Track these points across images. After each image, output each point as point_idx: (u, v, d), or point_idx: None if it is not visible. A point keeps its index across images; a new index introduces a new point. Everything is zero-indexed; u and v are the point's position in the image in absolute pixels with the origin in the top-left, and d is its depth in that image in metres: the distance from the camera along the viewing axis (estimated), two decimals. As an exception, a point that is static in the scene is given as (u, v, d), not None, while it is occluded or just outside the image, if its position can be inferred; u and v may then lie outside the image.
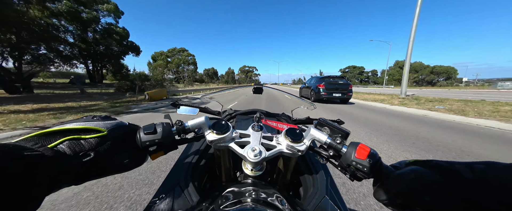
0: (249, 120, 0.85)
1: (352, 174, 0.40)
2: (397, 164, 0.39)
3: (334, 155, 0.43)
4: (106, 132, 0.37)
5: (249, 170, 0.50)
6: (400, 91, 12.03)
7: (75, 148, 0.32)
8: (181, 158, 0.62)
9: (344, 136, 0.45)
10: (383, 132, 4.01)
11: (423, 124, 4.87)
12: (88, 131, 0.36)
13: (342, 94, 9.46)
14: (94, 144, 0.34)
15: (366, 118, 5.57)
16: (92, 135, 0.35)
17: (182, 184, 0.48)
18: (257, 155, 0.41)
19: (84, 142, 0.34)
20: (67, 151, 0.31)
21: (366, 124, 4.76)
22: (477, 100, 8.99)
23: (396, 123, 4.93)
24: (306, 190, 0.54)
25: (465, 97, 12.29)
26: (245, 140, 0.46)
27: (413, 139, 3.51)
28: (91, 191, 1.75)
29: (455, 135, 3.87)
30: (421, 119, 5.68)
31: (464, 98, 10.67)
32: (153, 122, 0.45)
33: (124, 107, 7.94)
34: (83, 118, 0.39)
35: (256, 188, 0.39)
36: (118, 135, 0.39)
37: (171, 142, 0.45)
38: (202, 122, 0.46)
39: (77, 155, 0.32)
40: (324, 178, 0.54)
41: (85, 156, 0.33)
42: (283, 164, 0.51)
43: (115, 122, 0.41)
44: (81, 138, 0.34)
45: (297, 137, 0.44)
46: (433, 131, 4.19)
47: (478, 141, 3.45)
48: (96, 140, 0.35)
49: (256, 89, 1.12)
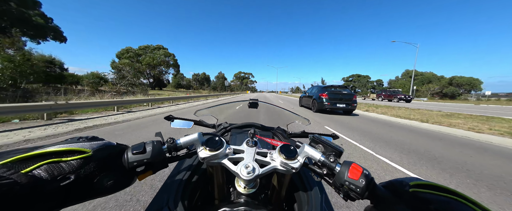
0: (244, 135, 0.84)
1: (345, 194, 0.40)
2: (396, 184, 0.38)
3: (327, 173, 0.43)
4: (91, 153, 0.36)
5: (242, 187, 0.49)
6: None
7: (54, 171, 0.31)
8: (172, 175, 0.60)
9: (337, 154, 0.46)
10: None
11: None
12: (72, 152, 0.34)
13: (346, 104, 8.92)
14: (75, 166, 0.33)
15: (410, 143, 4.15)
16: (75, 156, 0.34)
17: (171, 204, 0.46)
18: (250, 173, 0.41)
19: (64, 164, 0.32)
20: (44, 176, 0.30)
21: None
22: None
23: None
24: (300, 207, 0.54)
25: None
26: (239, 156, 0.46)
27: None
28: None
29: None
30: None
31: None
32: (143, 141, 0.44)
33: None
34: (68, 140, 0.38)
35: (249, 209, 0.39)
36: (104, 156, 0.37)
37: (161, 161, 0.43)
38: (195, 139, 0.45)
39: (55, 179, 0.30)
40: (319, 195, 0.53)
41: (64, 180, 0.31)
42: (278, 180, 0.51)
43: (102, 142, 0.39)
44: (62, 160, 0.32)
45: (291, 154, 0.44)
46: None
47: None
48: (79, 162, 0.34)
49: (252, 103, 1.11)
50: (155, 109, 9.65)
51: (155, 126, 5.30)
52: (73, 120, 5.90)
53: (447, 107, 16.20)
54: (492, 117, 8.35)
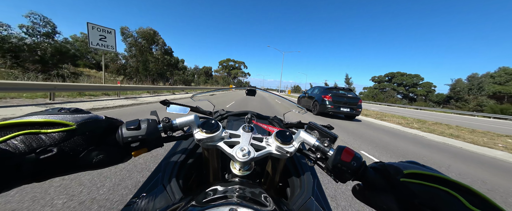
0: (241, 121, 0.83)
1: (337, 175, 0.41)
2: (390, 169, 0.38)
3: (321, 158, 0.45)
4: (75, 126, 0.34)
5: (237, 169, 0.49)
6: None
7: (32, 143, 0.29)
8: (168, 156, 0.60)
9: (332, 140, 0.47)
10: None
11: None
12: (52, 125, 0.32)
13: (350, 109, 8.22)
14: (57, 139, 0.31)
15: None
16: (56, 129, 0.32)
17: (165, 182, 0.46)
18: (245, 155, 0.41)
19: (44, 136, 0.30)
20: (20, 147, 0.28)
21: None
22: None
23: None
24: (293, 191, 0.54)
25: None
26: (235, 140, 0.46)
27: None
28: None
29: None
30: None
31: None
32: (138, 118, 0.43)
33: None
34: (48, 111, 0.36)
35: (243, 187, 0.39)
36: (91, 130, 0.36)
37: (156, 139, 0.42)
38: (191, 120, 0.45)
39: (34, 151, 0.29)
40: (311, 180, 0.54)
41: (44, 153, 0.30)
42: (272, 165, 0.51)
43: (88, 116, 0.37)
44: (41, 132, 0.30)
45: (286, 139, 0.44)
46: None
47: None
48: (61, 135, 0.32)
49: (250, 91, 1.04)
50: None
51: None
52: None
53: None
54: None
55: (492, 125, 12.83)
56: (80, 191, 1.59)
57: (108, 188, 1.68)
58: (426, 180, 0.33)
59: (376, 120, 8.99)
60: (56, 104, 5.89)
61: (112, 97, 8.79)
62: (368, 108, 19.34)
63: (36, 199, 1.46)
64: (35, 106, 5.16)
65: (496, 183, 2.79)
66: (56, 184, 1.65)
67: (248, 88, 1.04)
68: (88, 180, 1.76)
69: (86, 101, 6.90)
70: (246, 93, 1.06)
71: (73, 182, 1.71)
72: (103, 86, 8.95)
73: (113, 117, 0.42)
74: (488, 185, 2.71)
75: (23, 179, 0.29)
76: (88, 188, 1.64)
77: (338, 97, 8.30)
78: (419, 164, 0.38)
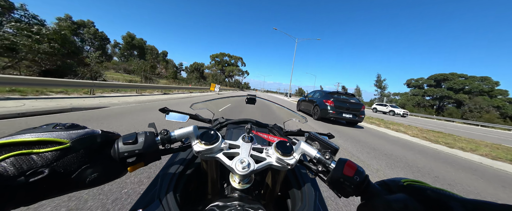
0: (240, 130, 0.82)
1: (339, 190, 0.40)
2: (390, 183, 0.38)
3: (322, 170, 0.44)
4: (69, 144, 0.32)
5: (236, 182, 0.48)
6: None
7: (22, 165, 0.28)
8: (165, 168, 0.58)
9: (333, 152, 0.46)
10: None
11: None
12: (45, 143, 0.30)
13: (353, 115, 7.84)
14: (50, 159, 0.30)
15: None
16: (49, 148, 0.30)
17: (162, 197, 0.45)
18: (245, 168, 0.41)
19: (36, 157, 0.29)
20: (10, 170, 0.27)
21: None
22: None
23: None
24: (294, 204, 0.53)
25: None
26: (234, 151, 0.45)
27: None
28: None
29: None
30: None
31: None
32: (135, 131, 0.42)
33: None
34: (42, 127, 0.34)
35: (242, 203, 0.38)
36: (86, 146, 0.34)
37: (153, 153, 0.41)
38: (189, 132, 0.44)
39: (23, 173, 0.27)
40: (313, 192, 0.53)
41: (35, 175, 0.28)
42: (272, 177, 0.50)
43: (84, 131, 0.36)
44: (33, 152, 0.29)
45: (287, 150, 0.43)
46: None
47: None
48: (54, 154, 0.30)
49: (249, 99, 1.03)
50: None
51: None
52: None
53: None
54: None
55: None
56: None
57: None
58: (420, 193, 0.34)
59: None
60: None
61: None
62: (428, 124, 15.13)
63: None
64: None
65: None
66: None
67: (248, 96, 1.03)
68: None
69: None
70: (246, 101, 1.04)
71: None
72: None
73: (109, 131, 0.41)
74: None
75: (11, 204, 0.27)
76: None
77: (340, 102, 7.91)
78: (414, 179, 0.38)
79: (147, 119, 4.60)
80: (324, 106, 8.02)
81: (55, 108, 4.66)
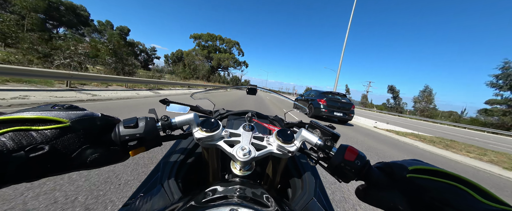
0: (241, 120, 0.83)
1: (341, 175, 0.41)
2: (395, 168, 0.37)
3: (323, 157, 0.44)
4: (69, 123, 0.32)
5: (237, 169, 0.49)
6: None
7: (21, 140, 0.28)
8: (166, 156, 0.59)
9: (334, 139, 0.46)
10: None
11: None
12: (44, 121, 0.31)
13: (343, 113, 8.60)
14: (49, 137, 0.30)
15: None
16: (49, 126, 0.31)
17: (164, 182, 0.46)
18: (246, 154, 0.41)
19: (35, 133, 0.29)
20: (9, 144, 0.27)
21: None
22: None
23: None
24: (294, 192, 0.54)
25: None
26: (235, 139, 0.46)
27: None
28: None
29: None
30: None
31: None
32: (135, 116, 0.42)
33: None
34: (41, 107, 0.34)
35: (243, 187, 0.38)
36: (86, 128, 0.35)
37: (154, 138, 0.42)
38: (190, 119, 0.44)
39: (23, 148, 0.28)
40: (313, 180, 0.54)
41: (35, 151, 0.28)
42: (273, 165, 0.51)
43: (83, 113, 0.36)
44: (32, 129, 0.29)
45: (288, 138, 0.44)
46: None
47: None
48: (53, 132, 0.31)
49: (250, 89, 1.00)
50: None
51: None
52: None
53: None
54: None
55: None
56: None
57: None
58: (433, 176, 0.32)
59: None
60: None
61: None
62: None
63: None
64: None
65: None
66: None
67: (249, 86, 1.01)
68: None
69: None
70: (247, 91, 1.04)
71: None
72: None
73: (109, 115, 0.41)
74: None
75: (12, 179, 0.28)
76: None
77: (332, 101, 8.65)
78: (423, 162, 0.37)
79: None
80: (317, 104, 8.75)
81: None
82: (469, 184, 0.30)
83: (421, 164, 0.35)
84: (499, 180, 3.84)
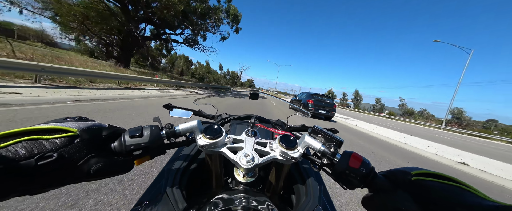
0: (244, 125, 0.84)
1: (345, 182, 0.41)
2: (398, 174, 0.38)
3: (327, 163, 0.44)
4: (77, 132, 0.34)
5: (241, 176, 0.49)
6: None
7: (33, 149, 0.29)
8: (170, 163, 0.61)
9: (338, 145, 0.47)
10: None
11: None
12: (55, 131, 0.32)
13: (327, 111, 10.78)
14: (58, 145, 0.31)
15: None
16: (58, 135, 0.32)
17: (168, 190, 0.46)
18: (249, 161, 0.42)
19: (46, 142, 0.30)
20: (21, 152, 0.28)
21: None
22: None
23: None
24: (298, 199, 0.53)
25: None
26: (238, 145, 0.46)
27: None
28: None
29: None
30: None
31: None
32: (140, 125, 0.43)
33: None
34: (54, 120, 0.36)
35: (247, 196, 0.38)
36: (93, 136, 0.36)
37: (158, 147, 0.42)
38: (194, 126, 0.45)
39: (33, 156, 0.28)
40: (317, 186, 0.53)
41: (44, 158, 0.29)
42: (276, 171, 0.51)
43: (91, 123, 0.38)
44: (43, 138, 0.30)
45: (291, 144, 0.44)
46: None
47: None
48: (62, 140, 0.32)
49: (253, 94, 1.04)
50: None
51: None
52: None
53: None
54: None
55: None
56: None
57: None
58: (437, 178, 0.33)
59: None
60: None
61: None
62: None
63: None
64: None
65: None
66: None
67: (251, 91, 1.33)
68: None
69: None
70: (249, 96, 1.09)
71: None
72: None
73: (115, 126, 0.42)
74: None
75: (22, 188, 0.28)
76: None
77: (318, 101, 10.85)
78: (424, 168, 0.37)
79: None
80: (306, 103, 10.93)
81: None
82: (470, 187, 0.31)
83: (423, 170, 0.36)
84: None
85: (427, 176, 0.35)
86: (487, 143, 16.48)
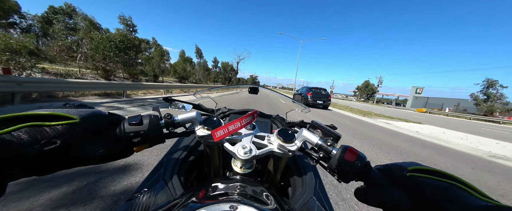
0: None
1: (340, 175, 0.41)
2: (394, 169, 0.39)
3: (324, 157, 0.44)
4: (78, 120, 0.34)
5: (238, 167, 0.49)
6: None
7: (36, 135, 0.30)
8: (169, 153, 0.62)
9: (335, 139, 0.48)
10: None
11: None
12: (56, 117, 0.33)
13: (323, 101, 13.26)
14: (61, 132, 0.32)
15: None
16: (60, 121, 0.32)
17: (167, 178, 0.47)
18: (247, 153, 0.42)
19: (48, 129, 0.31)
20: (25, 138, 0.29)
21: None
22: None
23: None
24: (294, 190, 0.54)
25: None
26: (237, 137, 0.47)
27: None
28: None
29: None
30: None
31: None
32: (140, 113, 0.43)
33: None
34: (53, 105, 0.37)
35: (244, 184, 0.39)
36: (94, 124, 0.37)
37: (157, 135, 0.43)
38: (193, 117, 0.46)
39: (38, 142, 0.29)
40: (313, 179, 0.54)
41: (49, 144, 0.30)
42: (274, 164, 0.52)
43: (91, 111, 0.38)
44: (45, 125, 0.31)
45: (289, 137, 0.45)
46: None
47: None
48: (65, 127, 0.32)
49: (252, 89, 1.13)
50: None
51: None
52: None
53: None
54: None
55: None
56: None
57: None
58: (432, 175, 0.34)
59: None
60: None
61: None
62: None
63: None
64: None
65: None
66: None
67: (251, 85, 1.07)
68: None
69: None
70: (249, 91, 1.11)
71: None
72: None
73: (116, 113, 0.43)
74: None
75: (26, 170, 0.30)
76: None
77: (316, 93, 13.28)
78: (421, 164, 0.38)
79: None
80: (306, 96, 13.37)
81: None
82: (466, 184, 0.32)
83: (420, 165, 0.37)
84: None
85: (422, 172, 0.35)
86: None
